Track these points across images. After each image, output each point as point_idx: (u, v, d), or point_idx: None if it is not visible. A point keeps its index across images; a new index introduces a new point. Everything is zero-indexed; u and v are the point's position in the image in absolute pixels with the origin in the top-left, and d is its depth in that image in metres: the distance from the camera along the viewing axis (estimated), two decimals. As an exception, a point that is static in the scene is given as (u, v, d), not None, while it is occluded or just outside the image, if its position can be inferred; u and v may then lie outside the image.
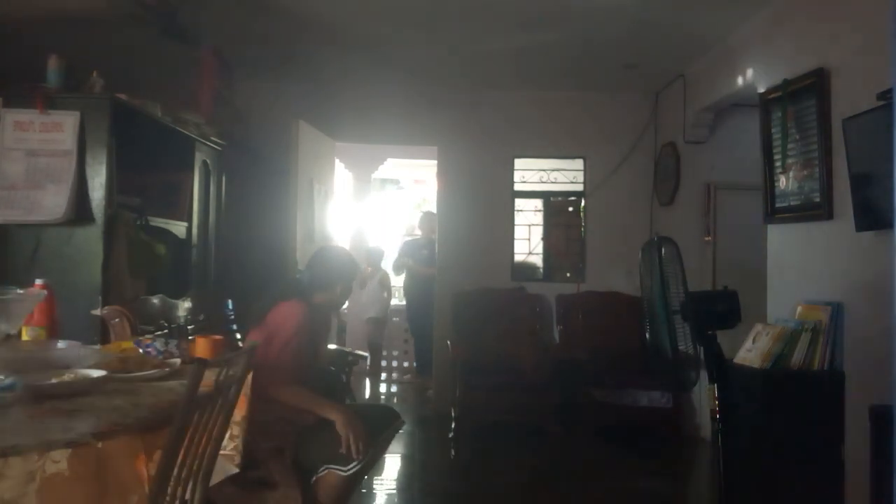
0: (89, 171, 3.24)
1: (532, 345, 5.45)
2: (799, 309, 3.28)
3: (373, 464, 2.88)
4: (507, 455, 4.70)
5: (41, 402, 1.73)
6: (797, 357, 3.07)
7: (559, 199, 6.13)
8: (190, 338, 3.01)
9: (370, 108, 5.79)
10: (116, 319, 2.85)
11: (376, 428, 2.77)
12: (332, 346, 3.52)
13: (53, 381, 1.87)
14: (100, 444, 1.47)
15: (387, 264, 7.47)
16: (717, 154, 5.15)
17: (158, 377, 2.12)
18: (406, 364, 7.57)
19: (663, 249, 2.47)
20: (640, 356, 4.71)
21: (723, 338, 2.51)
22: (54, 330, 2.40)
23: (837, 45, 3.24)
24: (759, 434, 2.99)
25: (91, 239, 3.24)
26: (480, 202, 5.90)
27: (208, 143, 4.33)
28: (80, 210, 3.22)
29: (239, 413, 2.07)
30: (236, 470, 2.00)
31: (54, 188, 3.21)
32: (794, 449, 2.97)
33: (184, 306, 3.99)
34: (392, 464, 4.42)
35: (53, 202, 3.20)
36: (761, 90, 3.88)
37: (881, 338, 2.82)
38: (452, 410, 5.11)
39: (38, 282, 2.39)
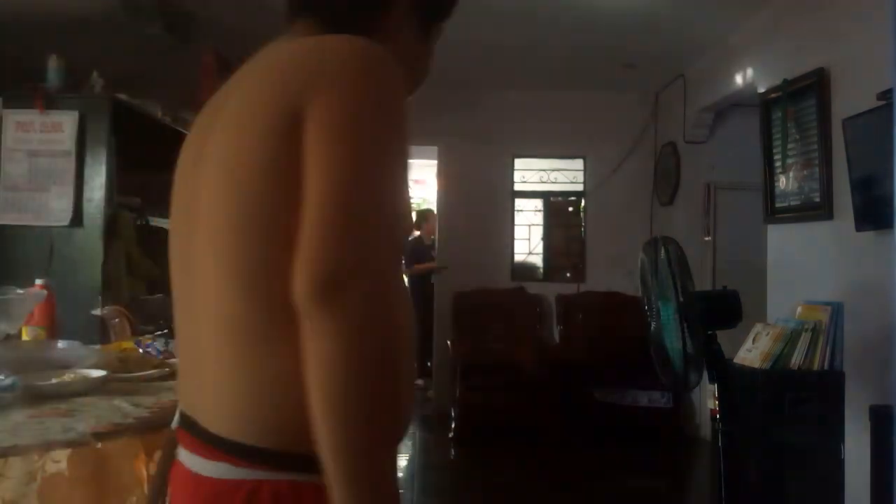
0: (89, 171, 3.24)
1: (532, 345, 5.45)
2: (799, 309, 3.28)
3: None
4: (507, 455, 4.70)
5: (41, 402, 1.73)
6: (797, 357, 3.06)
7: (559, 199, 6.14)
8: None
9: (370, 108, 5.78)
10: (116, 319, 2.85)
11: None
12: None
13: (53, 381, 1.87)
14: (100, 444, 1.47)
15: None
16: (717, 154, 5.15)
17: (158, 377, 2.12)
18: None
19: (665, 249, 2.48)
20: (640, 356, 4.71)
21: (723, 338, 2.51)
22: (54, 330, 2.40)
23: (837, 45, 3.24)
24: (759, 434, 2.99)
25: (91, 239, 3.24)
26: (480, 202, 5.90)
27: (208, 143, 4.33)
28: (80, 210, 3.22)
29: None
30: None
31: (58, 190, 3.21)
32: (793, 449, 2.97)
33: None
34: (392, 464, 4.42)
35: (59, 206, 3.21)
36: (761, 90, 3.88)
37: (881, 338, 2.83)
38: (452, 410, 5.11)
39: (38, 282, 2.39)
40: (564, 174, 6.06)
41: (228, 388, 0.81)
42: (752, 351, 3.18)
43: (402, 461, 4.56)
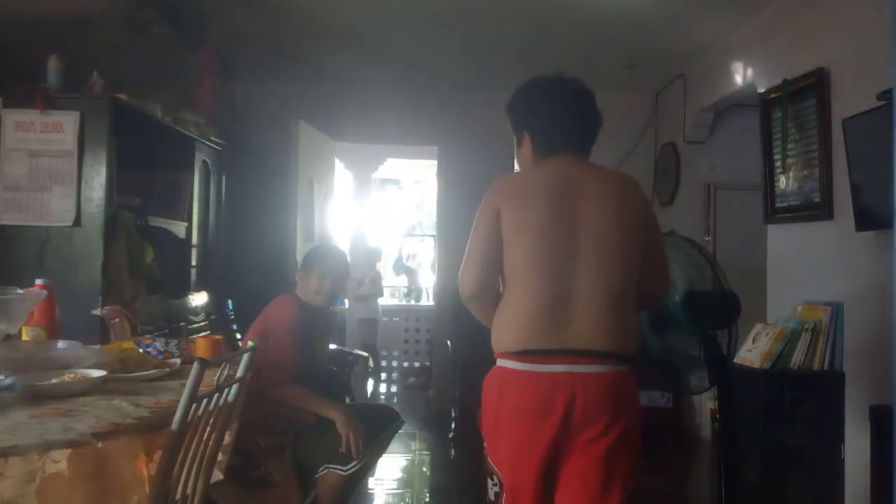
0: (89, 172, 3.25)
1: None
2: (799, 309, 3.28)
3: (373, 463, 2.88)
4: (507, 455, 4.70)
5: (41, 402, 1.73)
6: (797, 357, 3.06)
7: (559, 199, 6.12)
8: (190, 338, 3.01)
9: (370, 108, 5.78)
10: (116, 319, 2.85)
11: (376, 428, 2.78)
12: (332, 346, 3.52)
13: (53, 381, 1.88)
14: (100, 444, 1.47)
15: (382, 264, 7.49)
16: (717, 154, 5.14)
17: (158, 377, 2.12)
18: (406, 364, 7.56)
19: (695, 246, 2.49)
20: (640, 356, 4.71)
21: (723, 338, 2.51)
22: (54, 330, 2.40)
23: (837, 45, 3.24)
24: (759, 434, 2.99)
25: (91, 239, 3.24)
26: (480, 202, 5.88)
27: (208, 143, 4.33)
28: (80, 210, 3.23)
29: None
30: (221, 476, 1.95)
31: (60, 190, 3.22)
32: (793, 449, 2.97)
33: (184, 306, 4.00)
34: (392, 464, 4.43)
35: (62, 206, 3.21)
36: (761, 90, 3.88)
37: (881, 338, 2.83)
38: (452, 410, 5.11)
39: (38, 282, 2.39)
40: (564, 174, 6.05)
41: (613, 330, 1.80)
42: (752, 351, 3.17)
43: (403, 461, 4.56)
